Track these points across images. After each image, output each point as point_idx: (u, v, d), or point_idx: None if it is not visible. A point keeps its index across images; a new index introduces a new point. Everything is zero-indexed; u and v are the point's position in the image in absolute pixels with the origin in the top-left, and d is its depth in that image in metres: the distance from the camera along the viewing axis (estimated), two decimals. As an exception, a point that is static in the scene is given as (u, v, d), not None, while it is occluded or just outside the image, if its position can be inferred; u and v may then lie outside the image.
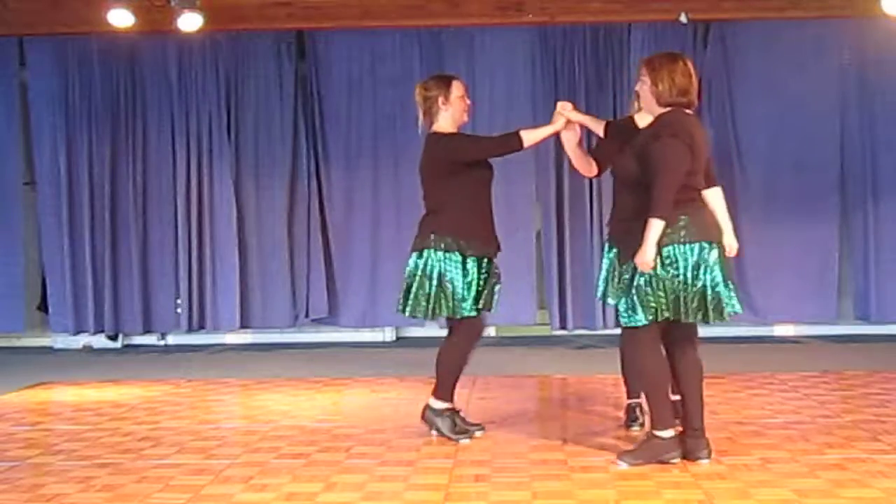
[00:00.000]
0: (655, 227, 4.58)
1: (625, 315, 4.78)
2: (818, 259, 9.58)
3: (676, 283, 4.65)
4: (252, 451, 5.28)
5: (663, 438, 4.78)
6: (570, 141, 5.38)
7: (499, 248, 5.54)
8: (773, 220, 9.47)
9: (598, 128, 5.27)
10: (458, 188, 5.34)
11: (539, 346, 9.25)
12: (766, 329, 9.75)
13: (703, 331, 9.44)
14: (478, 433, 5.47)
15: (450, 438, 5.38)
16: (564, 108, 5.37)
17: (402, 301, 5.38)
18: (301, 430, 5.76)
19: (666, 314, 4.68)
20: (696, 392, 4.87)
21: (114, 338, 9.89)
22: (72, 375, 8.14)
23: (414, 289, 5.33)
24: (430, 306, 5.30)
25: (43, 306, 9.96)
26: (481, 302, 5.41)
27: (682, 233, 4.64)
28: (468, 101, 5.52)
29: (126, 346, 9.98)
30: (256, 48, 9.71)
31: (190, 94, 9.71)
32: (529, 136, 5.38)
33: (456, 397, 5.55)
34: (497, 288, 5.49)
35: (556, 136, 5.50)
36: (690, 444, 4.81)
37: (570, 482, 4.55)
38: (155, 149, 9.76)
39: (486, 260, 5.45)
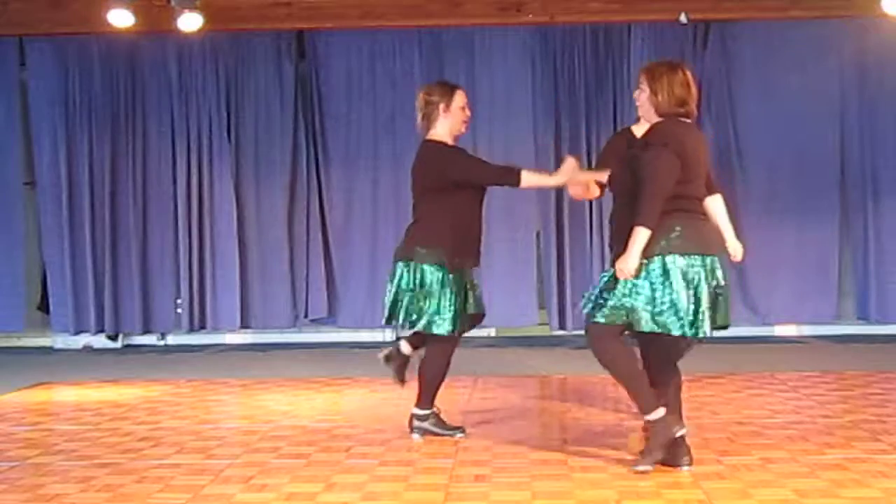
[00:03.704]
0: (640, 235, 4.49)
1: (591, 307, 4.70)
2: (818, 259, 9.58)
3: (663, 294, 4.57)
4: (252, 451, 5.28)
5: (658, 421, 4.64)
6: (575, 193, 5.46)
7: (477, 263, 5.48)
8: (773, 220, 9.48)
9: (603, 176, 5.18)
10: (448, 200, 5.27)
11: (539, 346, 9.25)
12: (767, 329, 9.75)
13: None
14: (458, 435, 5.42)
15: (445, 435, 5.40)
16: (569, 168, 5.27)
17: (389, 311, 5.37)
18: (301, 430, 5.76)
19: (636, 321, 4.60)
20: (675, 400, 4.81)
21: (114, 338, 9.89)
22: (72, 375, 8.14)
23: (405, 301, 5.30)
24: (413, 317, 5.30)
25: (43, 306, 9.96)
26: (459, 322, 5.31)
27: (676, 243, 4.57)
28: (468, 113, 5.46)
29: (126, 346, 9.98)
30: (256, 48, 9.71)
31: (190, 94, 9.71)
32: (529, 179, 5.33)
33: (440, 399, 5.54)
34: (477, 294, 5.46)
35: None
36: (672, 452, 4.70)
37: (570, 482, 4.55)
38: (155, 149, 9.76)
39: (464, 272, 5.40)
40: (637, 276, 4.55)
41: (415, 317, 5.30)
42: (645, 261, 4.55)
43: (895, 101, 9.44)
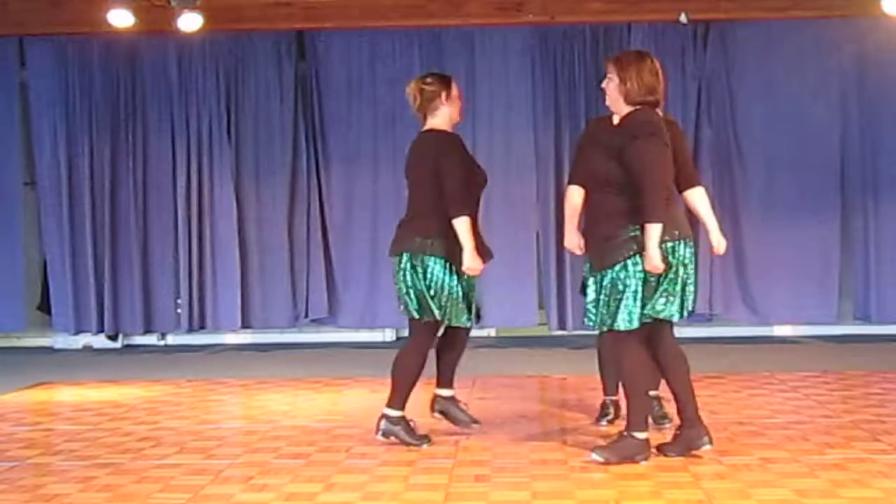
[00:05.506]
0: (655, 231, 4.59)
1: (607, 319, 4.74)
2: (818, 259, 9.57)
3: (658, 281, 4.69)
4: (252, 451, 5.28)
5: (638, 439, 4.83)
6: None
7: (490, 255, 5.43)
8: (773, 220, 9.47)
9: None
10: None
11: (539, 346, 9.25)
12: (766, 329, 9.75)
13: (703, 331, 9.43)
14: (424, 446, 5.27)
15: (412, 444, 5.26)
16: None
17: (423, 308, 5.23)
18: (301, 430, 5.77)
19: (649, 314, 4.71)
20: (685, 383, 4.85)
21: (114, 338, 9.89)
22: (72, 375, 8.14)
23: (415, 297, 5.23)
24: (440, 311, 5.24)
25: (43, 306, 9.96)
26: (472, 312, 5.34)
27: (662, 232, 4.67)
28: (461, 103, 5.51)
29: (126, 346, 9.98)
30: (256, 48, 9.70)
31: (190, 94, 9.70)
32: (461, 226, 5.17)
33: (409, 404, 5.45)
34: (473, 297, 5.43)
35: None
36: (689, 434, 4.82)
37: (570, 482, 4.55)
38: (155, 149, 9.75)
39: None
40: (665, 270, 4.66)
41: (432, 311, 5.21)
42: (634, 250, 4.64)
43: (895, 101, 9.44)
